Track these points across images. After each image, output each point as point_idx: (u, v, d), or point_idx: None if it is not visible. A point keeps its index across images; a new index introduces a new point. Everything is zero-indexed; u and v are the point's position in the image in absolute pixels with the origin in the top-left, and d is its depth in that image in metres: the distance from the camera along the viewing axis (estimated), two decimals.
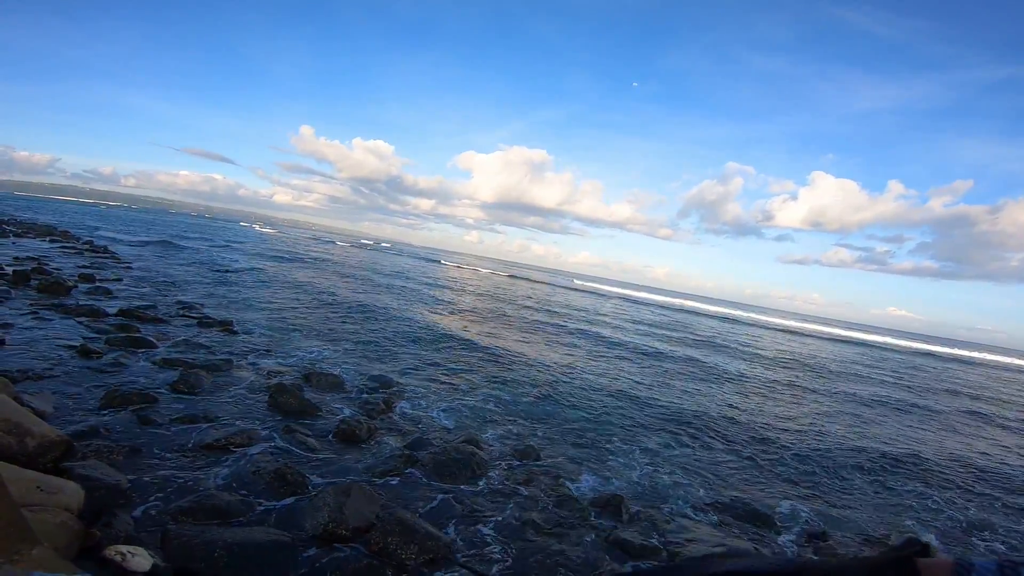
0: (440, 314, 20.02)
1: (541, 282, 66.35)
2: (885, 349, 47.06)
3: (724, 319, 52.56)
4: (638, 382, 12.76)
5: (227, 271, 22.87)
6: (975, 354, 64.84)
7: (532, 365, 12.63)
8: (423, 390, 9.01)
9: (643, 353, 17.84)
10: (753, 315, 75.90)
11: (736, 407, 11.81)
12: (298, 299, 17.84)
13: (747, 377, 16.62)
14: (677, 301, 79.33)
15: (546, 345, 16.32)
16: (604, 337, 20.39)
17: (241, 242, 46.34)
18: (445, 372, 10.62)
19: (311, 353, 10.33)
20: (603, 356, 15.98)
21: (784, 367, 20.88)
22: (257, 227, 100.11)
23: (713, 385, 14.20)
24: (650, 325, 30.06)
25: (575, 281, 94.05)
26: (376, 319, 16.08)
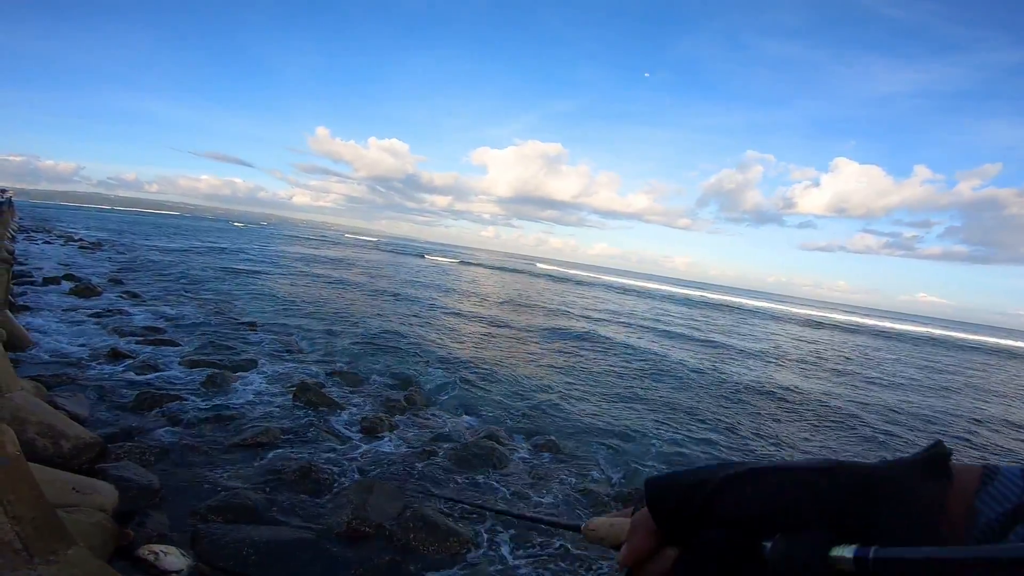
0: (447, 307, 20.11)
1: (512, 270, 66.20)
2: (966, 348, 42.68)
3: (739, 311, 51.73)
4: (653, 376, 12.67)
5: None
6: None
7: (543, 359, 12.64)
8: (442, 385, 9.07)
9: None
10: (775, 305, 74.31)
11: (760, 406, 11.66)
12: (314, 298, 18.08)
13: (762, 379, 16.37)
14: (654, 286, 77.47)
15: (550, 337, 16.28)
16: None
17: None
18: (466, 366, 10.67)
19: (333, 350, 10.47)
20: (611, 349, 15.90)
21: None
22: (237, 224, 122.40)
23: (724, 378, 14.02)
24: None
25: (538, 265, 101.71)
26: (392, 313, 16.23)
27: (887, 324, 62.93)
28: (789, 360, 18.17)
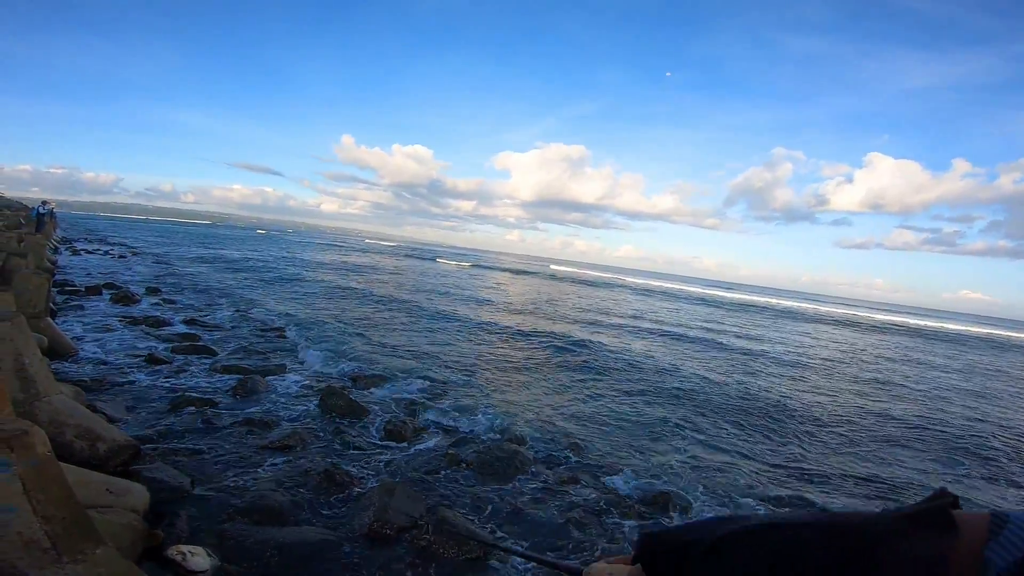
0: (463, 312, 20.20)
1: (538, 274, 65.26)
2: None
3: (770, 311, 50.49)
4: (687, 375, 12.48)
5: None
6: None
7: (571, 360, 12.57)
8: (466, 389, 9.11)
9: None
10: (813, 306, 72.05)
11: (779, 393, 11.38)
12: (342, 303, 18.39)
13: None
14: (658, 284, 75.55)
15: (567, 341, 16.18)
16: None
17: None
18: (487, 370, 10.70)
19: (357, 355, 10.63)
20: (641, 345, 15.72)
21: None
22: (260, 231, 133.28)
23: (753, 377, 13.72)
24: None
25: (551, 267, 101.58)
26: (415, 318, 16.40)
27: (929, 323, 60.49)
28: (825, 367, 17.66)
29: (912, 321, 59.86)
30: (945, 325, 58.92)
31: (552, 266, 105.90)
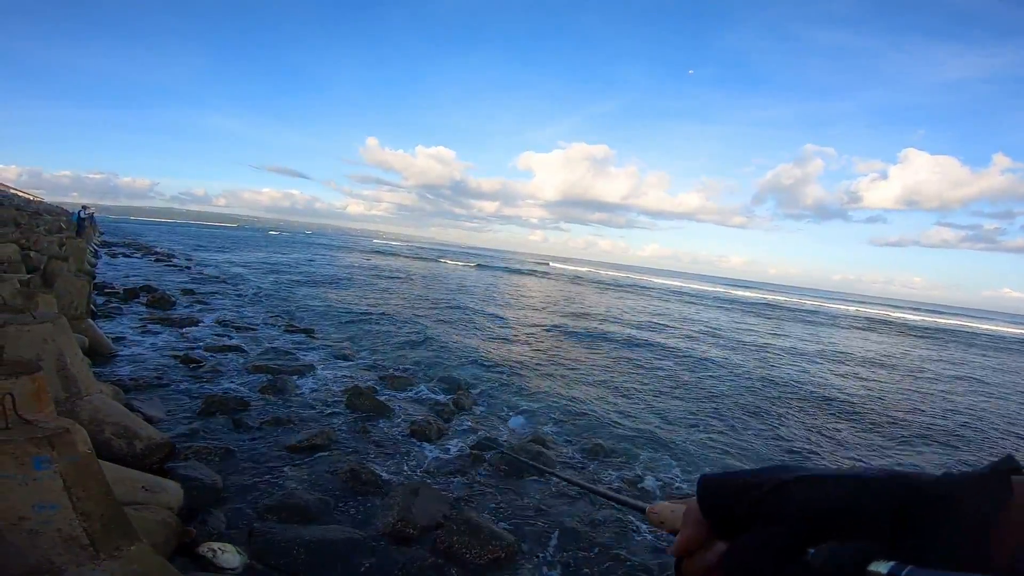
0: (482, 312, 20.22)
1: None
2: None
3: (798, 311, 49.19)
4: (712, 382, 12.30)
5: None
6: None
7: (595, 365, 12.50)
8: (491, 391, 9.14)
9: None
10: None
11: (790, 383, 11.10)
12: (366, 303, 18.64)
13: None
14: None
15: (602, 343, 16.06)
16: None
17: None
18: (512, 373, 10.71)
19: (383, 356, 10.76)
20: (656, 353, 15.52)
21: None
22: (273, 232, 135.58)
23: (774, 368, 13.42)
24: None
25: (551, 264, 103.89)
26: (431, 321, 16.51)
27: (970, 323, 58.23)
28: (853, 385, 17.20)
29: (948, 321, 57.67)
30: (987, 327, 56.65)
31: (553, 263, 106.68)
